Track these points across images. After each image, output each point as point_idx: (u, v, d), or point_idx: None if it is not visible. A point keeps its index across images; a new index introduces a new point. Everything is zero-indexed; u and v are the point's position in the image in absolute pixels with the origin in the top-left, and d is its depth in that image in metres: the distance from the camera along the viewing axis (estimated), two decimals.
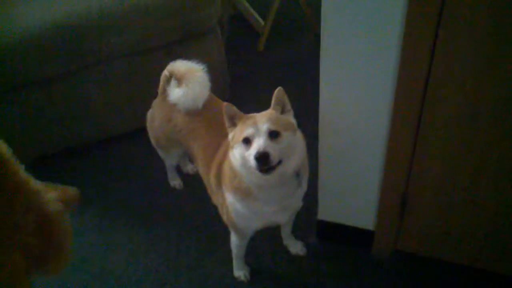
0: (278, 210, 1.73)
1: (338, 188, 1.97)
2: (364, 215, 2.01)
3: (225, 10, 2.87)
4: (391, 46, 1.48)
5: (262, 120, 1.53)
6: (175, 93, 1.92)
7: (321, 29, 1.53)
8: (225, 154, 1.73)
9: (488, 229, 1.81)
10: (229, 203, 1.74)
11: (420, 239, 1.99)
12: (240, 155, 1.54)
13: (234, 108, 1.64)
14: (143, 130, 2.25)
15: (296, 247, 2.16)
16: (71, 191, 1.31)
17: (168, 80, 1.98)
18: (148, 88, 2.18)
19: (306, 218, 2.20)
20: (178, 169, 2.55)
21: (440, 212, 1.85)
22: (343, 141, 1.81)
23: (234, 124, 1.64)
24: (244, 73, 3.15)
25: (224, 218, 1.85)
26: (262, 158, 1.44)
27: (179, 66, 1.95)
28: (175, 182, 2.51)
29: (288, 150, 1.52)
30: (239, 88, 2.96)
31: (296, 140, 1.58)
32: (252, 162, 1.46)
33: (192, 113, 1.92)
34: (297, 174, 1.62)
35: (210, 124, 1.90)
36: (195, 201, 2.42)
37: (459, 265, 1.99)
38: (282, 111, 1.63)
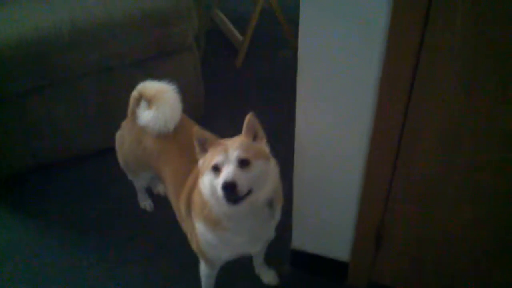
0: (249, 241, 1.66)
1: (313, 217, 1.91)
2: (339, 246, 1.95)
3: (202, 24, 2.80)
4: (371, 76, 1.43)
5: (233, 147, 1.45)
6: (145, 115, 1.83)
7: (298, 51, 1.47)
8: (196, 181, 1.64)
9: (463, 262, 1.78)
10: (199, 232, 1.66)
11: (395, 272, 1.95)
12: (209, 183, 1.47)
13: (205, 133, 1.57)
14: (112, 150, 2.16)
15: (268, 276, 2.09)
16: None
17: (137, 102, 1.89)
18: (120, 106, 2.08)
19: (279, 246, 2.11)
20: (149, 190, 2.46)
21: (415, 245, 1.81)
22: (319, 169, 1.75)
23: (204, 150, 1.56)
24: (220, 90, 3.06)
25: (194, 246, 1.77)
26: (229, 188, 1.37)
27: (149, 87, 1.86)
28: (146, 203, 2.41)
29: (259, 180, 1.45)
30: (214, 106, 2.88)
31: (268, 169, 1.51)
32: (220, 191, 1.39)
33: (163, 136, 1.83)
34: (270, 205, 1.55)
35: (182, 148, 1.81)
36: (166, 223, 2.30)
37: None
38: (255, 138, 1.56)
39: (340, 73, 1.47)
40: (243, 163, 1.43)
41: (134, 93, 1.90)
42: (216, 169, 1.44)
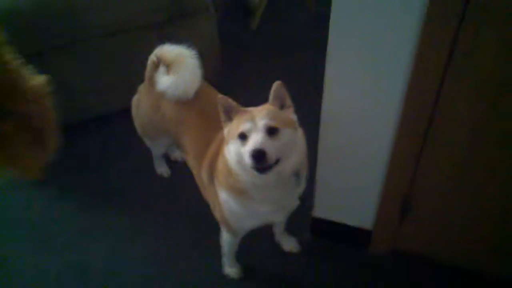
0: (275, 210, 1.62)
1: (336, 185, 1.86)
2: (363, 214, 1.91)
3: None
4: (406, 41, 1.36)
5: (260, 115, 1.40)
6: (164, 81, 1.76)
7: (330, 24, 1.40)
8: (219, 149, 1.61)
9: (490, 231, 1.74)
10: (223, 200, 1.63)
11: (419, 240, 1.92)
12: (236, 152, 1.42)
13: (230, 101, 1.51)
14: (126, 112, 2.10)
15: (289, 244, 2.06)
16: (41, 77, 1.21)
17: (156, 66, 1.83)
18: (135, 69, 2.02)
19: (299, 214, 2.09)
20: (166, 156, 2.42)
21: (442, 214, 1.77)
22: (345, 137, 1.69)
23: (230, 119, 1.51)
24: (236, 54, 2.98)
25: (216, 215, 1.74)
26: (258, 156, 1.32)
27: (168, 51, 1.79)
28: (162, 169, 2.38)
29: (287, 149, 1.40)
30: (231, 70, 2.81)
31: (296, 138, 1.46)
32: (248, 159, 1.35)
33: (183, 103, 1.78)
34: (297, 174, 1.51)
35: (203, 116, 1.76)
36: (183, 190, 2.28)
37: (456, 267, 1.92)
38: (282, 107, 1.51)
39: (374, 38, 1.40)
40: (271, 131, 1.38)
41: (152, 57, 1.83)
42: (243, 137, 1.39)
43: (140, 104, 1.97)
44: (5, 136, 1.06)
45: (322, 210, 1.99)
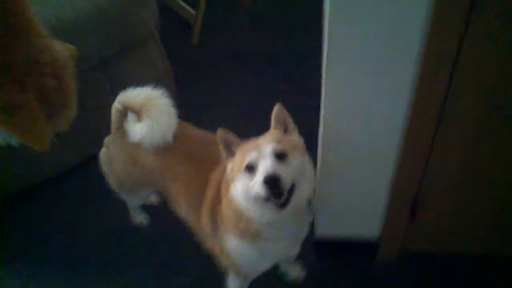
0: (290, 245, 1.52)
1: (339, 202, 1.77)
2: (368, 225, 1.84)
3: None
4: (412, 49, 1.27)
5: (266, 142, 1.29)
6: (137, 130, 1.56)
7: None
8: (218, 191, 1.46)
9: (499, 224, 1.75)
10: (232, 247, 1.48)
11: (427, 238, 1.89)
12: (244, 188, 1.28)
13: (230, 134, 1.37)
14: (83, 165, 1.86)
15: (295, 271, 1.94)
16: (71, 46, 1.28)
17: (122, 115, 1.62)
18: (90, 117, 1.80)
19: None
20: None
21: (451, 210, 1.75)
22: (348, 152, 1.59)
23: (232, 154, 1.37)
24: (184, 75, 2.76)
25: (225, 263, 1.59)
26: (272, 182, 1.19)
27: (133, 96, 1.58)
28: (141, 218, 2.15)
29: (299, 174, 1.28)
30: (183, 95, 2.61)
31: (305, 163, 1.34)
32: (261, 189, 1.21)
33: (163, 149, 1.59)
34: (309, 202, 1.40)
35: (189, 157, 1.60)
36: (167, 236, 2.10)
37: (466, 255, 1.91)
38: (285, 131, 1.39)
39: (378, 44, 1.30)
40: (280, 156, 1.26)
41: (117, 106, 1.62)
42: (251, 168, 1.26)
43: (111, 159, 1.74)
44: (26, 105, 1.09)
45: (324, 229, 1.90)
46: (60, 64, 1.18)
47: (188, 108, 2.50)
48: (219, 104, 2.63)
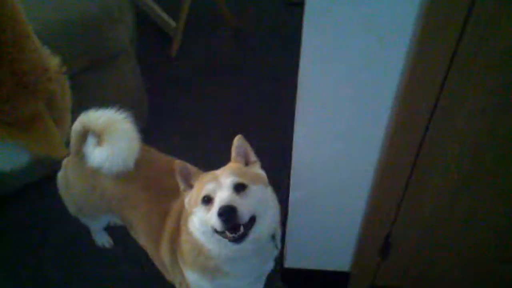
0: (253, 281, 1.44)
1: (309, 235, 1.70)
2: (339, 258, 1.78)
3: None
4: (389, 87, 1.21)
5: (224, 173, 1.24)
6: (97, 155, 1.47)
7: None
8: (179, 222, 1.39)
9: (474, 263, 1.69)
10: (192, 282, 1.41)
11: (400, 275, 1.82)
12: (201, 221, 1.22)
13: (189, 166, 1.31)
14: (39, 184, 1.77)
15: None
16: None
17: (82, 137, 1.53)
18: None
19: None
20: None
21: (425, 249, 1.68)
22: (319, 186, 1.52)
23: (190, 186, 1.31)
24: (160, 90, 2.69)
25: None
26: (227, 214, 1.12)
27: (95, 118, 1.49)
28: (103, 240, 2.06)
29: (259, 207, 1.21)
30: (157, 112, 2.54)
31: (267, 195, 1.28)
32: (216, 222, 1.14)
33: (124, 175, 1.50)
34: (273, 237, 1.32)
35: (150, 185, 1.52)
36: (132, 257, 2.01)
37: None
38: (247, 163, 1.33)
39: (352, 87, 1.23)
40: (238, 188, 1.19)
41: (77, 126, 1.53)
42: (208, 201, 1.20)
43: (69, 183, 1.65)
44: (38, 115, 1.09)
45: (294, 260, 1.83)
46: (59, 69, 1.18)
47: (161, 124, 2.48)
48: (193, 121, 2.56)
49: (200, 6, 2.96)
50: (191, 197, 1.27)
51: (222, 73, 2.84)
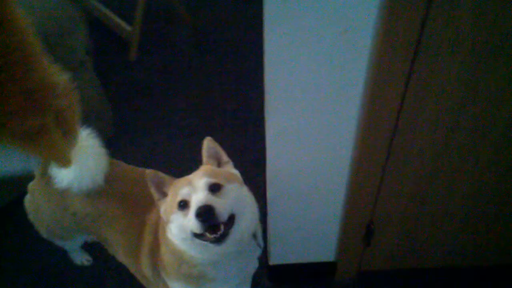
0: (239, 283, 1.41)
1: (291, 229, 1.67)
2: (324, 249, 1.77)
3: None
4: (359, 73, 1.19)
5: (198, 176, 1.20)
6: (64, 176, 1.41)
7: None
8: (157, 234, 1.35)
9: (458, 232, 1.70)
10: None
11: (386, 257, 1.83)
12: (179, 227, 1.17)
13: (161, 174, 1.26)
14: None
15: None
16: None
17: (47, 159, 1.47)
18: None
19: None
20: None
21: (408, 230, 1.69)
22: (296, 180, 1.50)
23: (164, 194, 1.26)
24: (122, 98, 2.62)
25: None
26: (205, 214, 1.08)
27: None
28: (81, 258, 1.99)
29: (238, 205, 1.18)
30: (121, 116, 2.47)
31: (243, 194, 1.25)
32: (194, 224, 1.10)
33: (95, 193, 1.45)
34: (254, 236, 1.29)
35: (123, 199, 1.46)
36: (115, 272, 1.95)
37: (423, 269, 1.88)
38: (219, 164, 1.30)
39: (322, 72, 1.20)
40: (214, 188, 1.16)
41: None
42: (184, 206, 1.15)
43: (38, 207, 1.58)
44: (45, 128, 1.15)
45: (278, 256, 1.80)
46: (68, 85, 1.25)
47: (127, 132, 2.42)
48: (159, 125, 2.51)
49: (154, 7, 2.89)
50: (167, 206, 1.23)
51: (184, 73, 2.78)
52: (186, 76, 2.76)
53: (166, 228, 1.24)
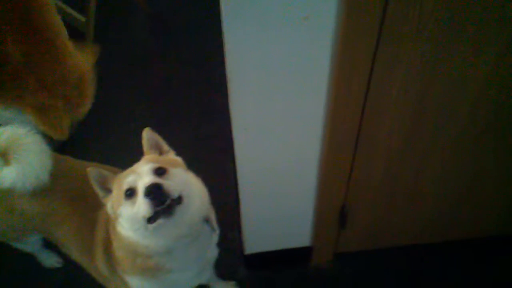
0: (200, 271, 1.36)
1: (264, 217, 1.62)
2: (299, 235, 1.72)
3: None
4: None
5: (141, 164, 1.17)
6: (6, 175, 1.31)
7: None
8: (108, 230, 1.29)
9: (430, 210, 1.68)
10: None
11: (361, 238, 1.79)
12: (129, 218, 1.12)
13: (103, 171, 1.21)
14: None
15: None
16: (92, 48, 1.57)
17: None
18: None
19: (227, 253, 1.81)
20: (48, 242, 1.94)
21: (381, 210, 1.65)
22: (266, 167, 1.43)
23: (109, 191, 1.20)
24: None
25: None
26: (154, 191, 1.05)
27: None
28: (51, 260, 1.90)
29: (184, 187, 1.13)
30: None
31: (189, 178, 1.22)
32: (144, 206, 1.06)
33: (41, 191, 1.36)
34: (206, 220, 1.25)
35: (72, 197, 1.39)
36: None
37: (400, 246, 1.84)
38: (160, 154, 1.26)
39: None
40: (159, 172, 1.13)
41: None
42: (131, 194, 1.11)
43: None
44: (54, 108, 1.33)
45: (254, 245, 1.75)
46: (82, 76, 1.42)
47: (90, 127, 2.31)
48: (123, 117, 2.42)
49: None
50: (113, 201, 1.17)
51: (144, 61, 2.68)
52: (146, 64, 2.65)
53: (115, 224, 1.19)
